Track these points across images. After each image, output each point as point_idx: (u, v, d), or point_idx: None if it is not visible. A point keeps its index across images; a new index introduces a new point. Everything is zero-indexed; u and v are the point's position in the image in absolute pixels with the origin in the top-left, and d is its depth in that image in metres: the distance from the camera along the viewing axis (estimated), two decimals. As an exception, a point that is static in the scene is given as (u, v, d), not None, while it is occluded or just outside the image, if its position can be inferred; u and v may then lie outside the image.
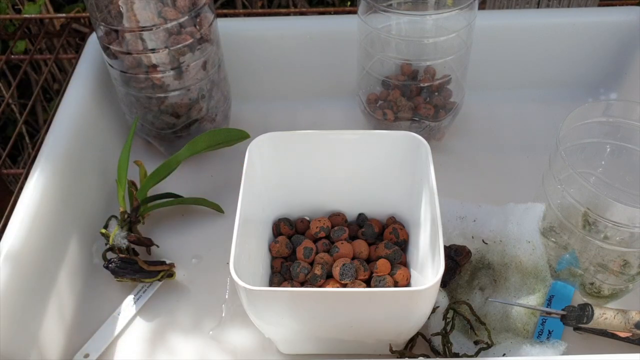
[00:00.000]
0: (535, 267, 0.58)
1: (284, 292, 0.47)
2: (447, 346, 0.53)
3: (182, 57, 0.65)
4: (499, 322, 0.56)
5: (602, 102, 0.58)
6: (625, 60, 0.77)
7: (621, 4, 0.85)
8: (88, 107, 0.70)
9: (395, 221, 0.61)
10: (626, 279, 0.55)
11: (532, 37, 0.77)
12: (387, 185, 0.60)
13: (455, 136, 0.75)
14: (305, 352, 0.55)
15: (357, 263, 0.56)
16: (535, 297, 0.56)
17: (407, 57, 0.69)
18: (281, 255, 0.59)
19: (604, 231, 0.52)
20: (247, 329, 0.57)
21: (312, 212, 0.62)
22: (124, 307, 0.60)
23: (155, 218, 0.68)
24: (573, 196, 0.52)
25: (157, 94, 0.68)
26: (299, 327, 0.50)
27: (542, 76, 0.80)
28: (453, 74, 0.70)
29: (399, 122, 0.70)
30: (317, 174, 0.60)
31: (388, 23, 0.67)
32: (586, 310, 0.52)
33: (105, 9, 0.63)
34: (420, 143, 0.56)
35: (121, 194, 0.64)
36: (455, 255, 0.58)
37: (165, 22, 0.63)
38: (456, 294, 0.58)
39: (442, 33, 0.65)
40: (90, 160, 0.68)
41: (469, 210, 0.63)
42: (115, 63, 0.66)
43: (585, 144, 0.58)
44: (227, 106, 0.75)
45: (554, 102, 0.79)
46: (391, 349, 0.53)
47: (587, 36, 0.77)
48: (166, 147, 0.74)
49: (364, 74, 0.72)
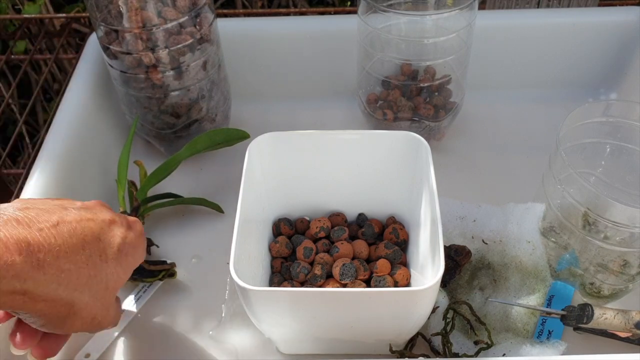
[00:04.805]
0: (535, 267, 0.58)
1: (284, 292, 0.47)
2: (447, 346, 0.53)
3: (182, 57, 0.65)
4: (499, 322, 0.56)
5: (602, 102, 0.58)
6: (625, 60, 0.77)
7: (621, 4, 0.85)
8: (88, 107, 0.70)
9: (395, 221, 0.61)
10: (626, 279, 0.55)
11: (532, 37, 0.77)
12: (387, 185, 0.60)
13: (455, 136, 0.75)
14: (305, 352, 0.55)
15: (357, 263, 0.56)
16: (535, 297, 0.56)
17: (407, 57, 0.69)
18: (281, 255, 0.59)
19: (604, 231, 0.52)
20: (247, 329, 0.57)
21: (312, 212, 0.62)
22: (125, 306, 0.60)
23: (155, 218, 0.68)
24: (573, 196, 0.52)
25: (157, 94, 0.68)
26: (299, 327, 0.50)
27: (542, 76, 0.80)
28: (453, 74, 0.70)
29: (399, 122, 0.70)
30: (317, 174, 0.60)
31: (388, 23, 0.67)
32: (586, 310, 0.52)
33: (105, 9, 0.63)
34: (420, 143, 0.56)
35: (121, 194, 0.64)
36: (455, 255, 0.58)
37: (165, 22, 0.63)
38: (456, 294, 0.58)
39: (442, 33, 0.65)
40: (90, 160, 0.68)
41: (469, 210, 0.63)
42: (115, 63, 0.66)
43: (585, 144, 0.58)
44: (227, 106, 0.75)
45: (554, 102, 0.79)
46: (391, 349, 0.53)
47: (587, 36, 0.77)
48: (166, 147, 0.74)
49: (364, 74, 0.72)
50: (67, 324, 0.43)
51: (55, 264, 0.40)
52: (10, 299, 0.38)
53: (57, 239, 0.40)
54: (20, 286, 0.38)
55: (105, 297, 0.45)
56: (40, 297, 0.40)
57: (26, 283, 0.38)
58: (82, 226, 0.43)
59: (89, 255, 0.43)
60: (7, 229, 0.38)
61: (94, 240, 0.43)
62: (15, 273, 0.37)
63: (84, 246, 0.42)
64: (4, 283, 0.37)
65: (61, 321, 0.43)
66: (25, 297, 0.39)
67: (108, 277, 0.45)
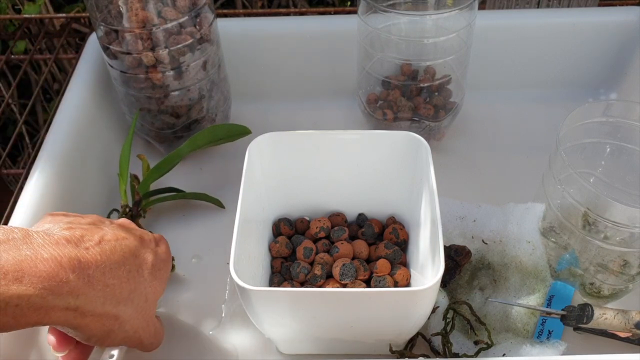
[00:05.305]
0: (535, 267, 0.58)
1: (284, 292, 0.47)
2: (447, 346, 0.53)
3: (182, 57, 0.65)
4: (499, 322, 0.56)
5: (602, 102, 0.58)
6: (625, 60, 0.77)
7: (621, 4, 0.84)
8: (88, 107, 0.70)
9: (395, 221, 0.61)
10: (626, 279, 0.55)
11: (532, 37, 0.77)
12: (387, 185, 0.60)
13: (455, 136, 0.75)
14: (305, 352, 0.55)
15: (357, 263, 0.56)
16: (535, 297, 0.56)
17: (407, 57, 0.69)
18: (281, 255, 0.59)
19: (604, 231, 0.52)
20: (247, 329, 0.57)
21: (312, 212, 0.62)
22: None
23: (156, 213, 0.68)
24: (573, 196, 0.52)
25: (157, 94, 0.68)
26: (299, 327, 0.50)
27: (542, 76, 0.80)
28: (453, 74, 0.70)
29: (399, 122, 0.70)
30: (317, 174, 0.60)
31: (388, 23, 0.67)
32: (586, 310, 0.52)
33: (105, 9, 0.63)
34: (420, 143, 0.56)
35: (123, 188, 0.64)
36: (455, 255, 0.58)
37: (165, 22, 0.63)
38: (456, 294, 0.58)
39: (442, 33, 0.65)
40: (90, 161, 0.68)
41: (469, 210, 0.63)
42: (115, 63, 0.66)
43: (585, 144, 0.58)
44: (227, 106, 0.75)
45: (554, 102, 0.79)
46: (391, 349, 0.53)
47: (587, 36, 0.77)
48: (166, 147, 0.74)
49: (364, 74, 0.72)
50: (111, 337, 0.45)
51: (102, 279, 0.43)
52: (63, 314, 0.41)
53: (102, 256, 0.43)
54: (73, 302, 0.41)
55: (146, 309, 0.48)
56: (90, 312, 0.42)
57: (79, 299, 0.41)
58: (120, 244, 0.46)
59: (128, 270, 0.46)
60: (59, 249, 0.41)
61: (131, 257, 0.47)
62: (70, 290, 0.40)
63: (124, 262, 0.45)
64: (60, 299, 0.39)
65: (106, 334, 0.44)
66: (76, 313, 0.41)
67: (147, 290, 0.48)
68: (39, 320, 0.39)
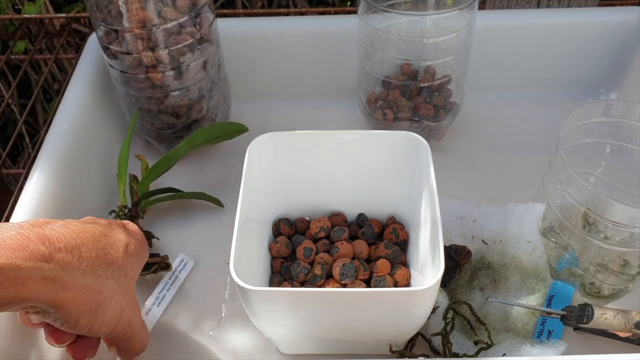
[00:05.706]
0: (535, 267, 0.58)
1: (284, 292, 0.47)
2: (447, 346, 0.53)
3: (182, 57, 0.65)
4: (499, 322, 0.56)
5: (602, 102, 0.58)
6: (625, 60, 0.77)
7: (621, 4, 0.85)
8: (88, 107, 0.70)
9: (395, 221, 0.61)
10: (626, 279, 0.55)
11: (532, 37, 0.77)
12: (387, 185, 0.60)
13: (455, 136, 0.75)
14: (305, 352, 0.55)
15: (357, 263, 0.56)
16: (535, 297, 0.56)
17: (407, 57, 0.69)
18: (281, 255, 0.59)
19: (604, 231, 0.52)
20: (247, 329, 0.57)
21: (312, 212, 0.62)
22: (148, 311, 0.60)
23: (156, 213, 0.68)
24: (573, 196, 0.52)
25: (157, 94, 0.68)
26: (299, 327, 0.50)
27: (542, 76, 0.80)
28: (453, 74, 0.70)
29: (399, 122, 0.70)
30: (317, 174, 0.60)
31: (388, 23, 0.67)
32: (586, 310, 0.52)
33: (105, 9, 0.63)
34: (420, 143, 0.56)
35: (122, 189, 0.64)
36: (455, 255, 0.58)
37: (165, 22, 0.63)
38: (456, 294, 0.58)
39: (442, 33, 0.65)
40: (91, 161, 0.68)
41: (469, 210, 0.63)
42: (115, 63, 0.66)
43: (585, 144, 0.58)
44: (227, 106, 0.75)
45: (554, 102, 0.79)
46: (391, 349, 0.53)
47: (587, 36, 0.77)
48: (166, 147, 0.74)
49: (364, 74, 0.72)
50: (99, 314, 0.45)
51: (76, 252, 0.44)
52: (42, 286, 0.41)
53: (70, 233, 0.45)
54: (50, 272, 0.41)
55: (127, 285, 0.49)
56: (70, 283, 0.42)
57: (55, 270, 0.41)
58: (87, 226, 0.47)
59: (102, 246, 0.47)
60: (24, 229, 0.42)
61: (102, 236, 0.48)
62: (42, 257, 0.41)
63: (95, 239, 0.47)
64: (35, 270, 0.40)
65: (92, 310, 0.44)
66: (56, 284, 0.41)
67: (125, 265, 0.49)
68: (17, 293, 0.39)
